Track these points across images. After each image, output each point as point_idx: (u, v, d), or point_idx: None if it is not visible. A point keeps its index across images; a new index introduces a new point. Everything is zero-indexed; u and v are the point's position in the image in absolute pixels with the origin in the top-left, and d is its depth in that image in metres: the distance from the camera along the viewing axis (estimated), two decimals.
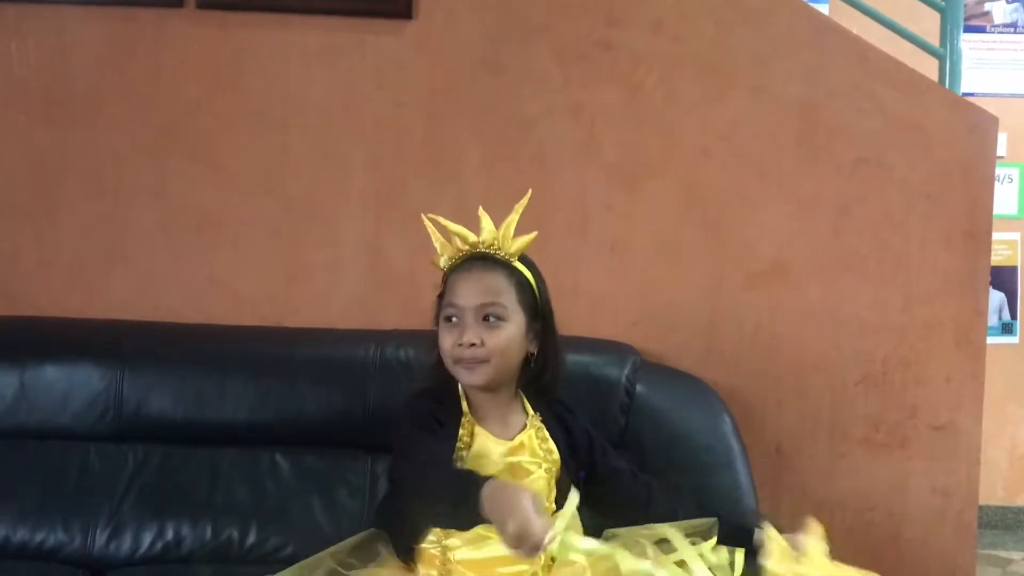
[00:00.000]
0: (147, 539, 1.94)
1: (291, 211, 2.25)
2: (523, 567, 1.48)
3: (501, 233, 1.58)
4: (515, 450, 1.56)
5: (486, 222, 1.59)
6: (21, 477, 1.98)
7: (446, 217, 1.60)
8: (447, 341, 1.55)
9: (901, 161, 2.25)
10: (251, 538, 1.95)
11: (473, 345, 1.52)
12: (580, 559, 1.44)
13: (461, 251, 1.59)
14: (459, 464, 1.52)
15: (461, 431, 1.55)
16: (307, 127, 2.23)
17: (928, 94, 2.27)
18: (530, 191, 1.61)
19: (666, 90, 2.23)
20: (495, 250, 1.58)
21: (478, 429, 1.56)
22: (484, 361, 1.53)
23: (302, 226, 2.25)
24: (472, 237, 1.58)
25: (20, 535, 1.92)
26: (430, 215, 1.60)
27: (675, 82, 2.24)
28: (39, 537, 1.93)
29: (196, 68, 2.23)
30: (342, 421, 2.03)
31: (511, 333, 1.55)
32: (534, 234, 1.60)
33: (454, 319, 1.55)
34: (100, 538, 1.93)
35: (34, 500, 1.95)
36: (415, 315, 1.69)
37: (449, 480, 1.41)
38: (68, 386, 2.02)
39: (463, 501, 1.32)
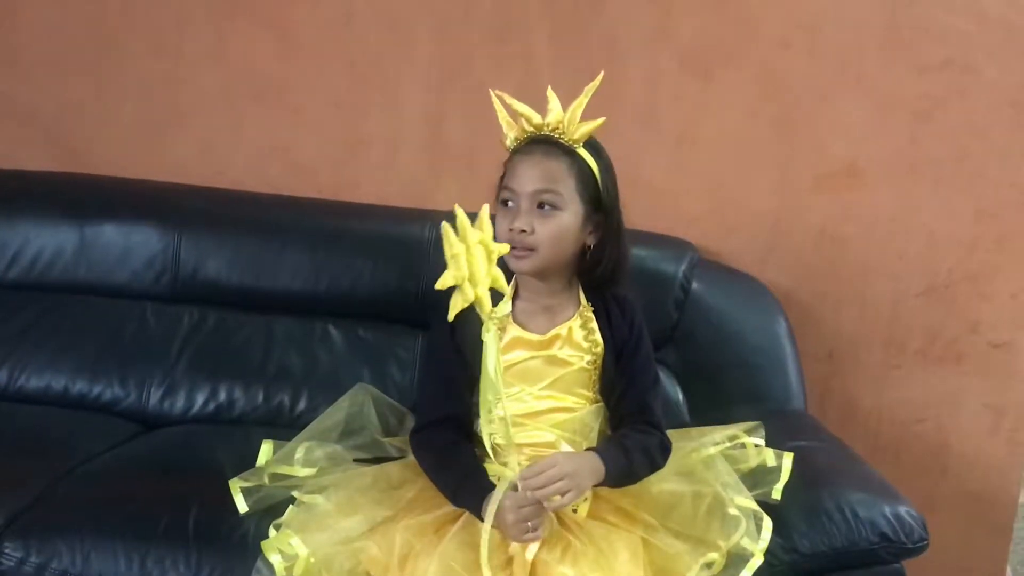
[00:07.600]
0: (200, 399, 1.99)
1: (354, 80, 2.21)
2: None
3: (567, 117, 1.51)
4: (547, 343, 1.53)
5: (554, 103, 1.51)
6: (80, 331, 2.03)
7: (510, 96, 1.52)
8: (502, 225, 1.47)
9: (991, 65, 2.13)
10: (301, 404, 1.99)
11: (524, 232, 1.46)
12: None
13: (526, 132, 1.52)
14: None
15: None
16: None
17: None
18: (602, 73, 1.52)
19: None
20: (559, 134, 1.51)
21: (512, 326, 1.54)
22: (532, 249, 1.48)
23: (364, 96, 2.21)
24: (537, 118, 1.51)
25: (79, 387, 1.99)
26: (497, 91, 1.51)
27: None
28: (96, 390, 1.99)
29: None
30: (396, 298, 2.04)
31: (565, 223, 1.48)
32: (601, 120, 1.52)
33: (510, 203, 1.50)
34: (155, 395, 1.99)
35: (92, 354, 2.01)
36: (472, 195, 1.62)
37: (454, 474, 1.48)
38: (127, 245, 2.05)
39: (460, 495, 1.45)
